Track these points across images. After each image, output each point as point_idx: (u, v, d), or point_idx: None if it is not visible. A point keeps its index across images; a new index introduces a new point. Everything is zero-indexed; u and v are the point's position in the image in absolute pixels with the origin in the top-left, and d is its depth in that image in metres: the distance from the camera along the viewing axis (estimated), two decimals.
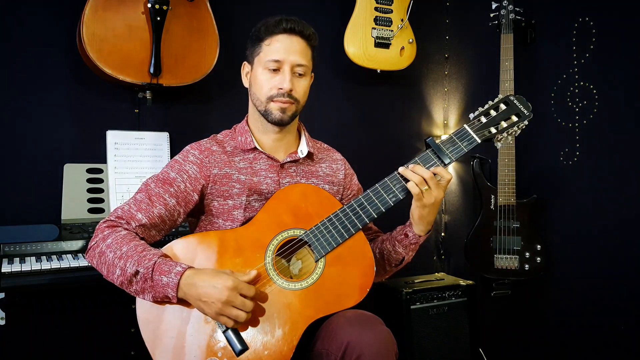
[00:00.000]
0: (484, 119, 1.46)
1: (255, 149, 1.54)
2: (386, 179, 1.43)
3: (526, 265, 2.33)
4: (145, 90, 2.08)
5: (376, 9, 2.55)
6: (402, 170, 1.41)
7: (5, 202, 2.02)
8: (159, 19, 2.02)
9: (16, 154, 2.05)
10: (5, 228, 1.82)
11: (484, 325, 2.57)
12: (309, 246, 1.40)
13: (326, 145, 1.72)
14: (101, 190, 2.06)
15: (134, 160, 2.11)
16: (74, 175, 2.02)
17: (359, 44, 2.52)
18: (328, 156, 1.67)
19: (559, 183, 2.39)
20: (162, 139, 2.18)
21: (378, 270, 1.48)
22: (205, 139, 1.56)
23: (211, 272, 1.27)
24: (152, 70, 2.03)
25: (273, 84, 1.48)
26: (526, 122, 1.47)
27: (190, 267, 1.28)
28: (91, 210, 2.02)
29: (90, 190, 2.04)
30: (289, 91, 1.47)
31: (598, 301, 2.25)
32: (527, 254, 2.33)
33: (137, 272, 1.27)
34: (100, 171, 2.07)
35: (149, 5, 2.01)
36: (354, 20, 2.52)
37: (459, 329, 2.45)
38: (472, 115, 1.47)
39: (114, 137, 2.09)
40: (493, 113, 1.46)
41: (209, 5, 2.16)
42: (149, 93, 2.09)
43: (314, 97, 1.57)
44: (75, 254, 1.82)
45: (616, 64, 2.19)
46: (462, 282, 2.50)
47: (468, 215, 2.84)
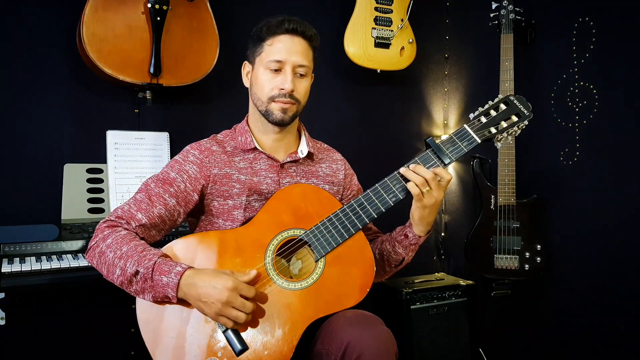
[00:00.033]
0: (484, 119, 1.46)
1: (255, 149, 1.53)
2: (386, 179, 1.43)
3: (526, 265, 2.33)
4: (145, 90, 2.08)
5: (376, 9, 2.55)
6: (404, 171, 1.41)
7: (5, 202, 2.02)
8: (159, 19, 2.02)
9: (16, 154, 2.05)
10: (5, 228, 1.82)
11: (484, 325, 2.57)
12: (309, 246, 1.40)
13: (326, 145, 1.71)
14: (101, 190, 2.06)
15: (134, 160, 2.11)
16: (74, 175, 2.02)
17: (359, 44, 2.52)
18: (328, 156, 1.67)
19: (559, 183, 2.39)
20: (162, 139, 2.18)
21: (378, 271, 1.48)
22: (205, 139, 1.56)
23: (211, 272, 1.27)
24: (152, 70, 2.03)
25: (275, 84, 1.47)
26: (526, 122, 1.47)
27: (190, 267, 1.28)
28: (91, 210, 2.02)
29: (90, 190, 2.04)
30: (291, 92, 1.47)
31: (598, 301, 2.25)
32: (527, 254, 2.33)
33: (137, 272, 1.27)
34: (100, 171, 2.07)
35: (149, 5, 2.01)
36: (354, 20, 2.52)
37: (459, 329, 2.45)
38: (472, 115, 1.47)
39: (114, 137, 2.09)
40: (493, 113, 1.46)
41: (209, 5, 2.16)
42: (149, 93, 2.09)
43: (314, 97, 1.57)
44: (75, 254, 1.82)
45: (616, 64, 2.19)
46: (462, 282, 2.50)
47: (468, 215, 2.84)
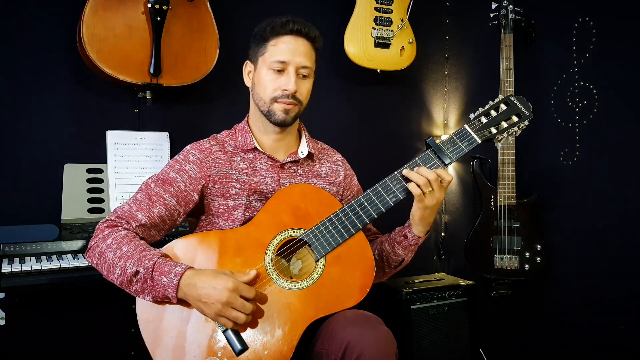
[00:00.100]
0: (484, 119, 1.46)
1: (255, 149, 1.53)
2: (386, 179, 1.43)
3: (526, 265, 2.33)
4: (145, 90, 2.08)
5: (376, 9, 2.55)
6: (406, 172, 1.41)
7: (5, 202, 2.02)
8: (159, 19, 2.02)
9: (16, 154, 2.05)
10: (5, 228, 1.81)
11: (484, 325, 2.57)
12: (309, 246, 1.40)
13: (326, 145, 1.71)
14: (101, 190, 2.06)
15: (134, 160, 2.11)
16: (74, 175, 2.02)
17: (359, 44, 2.52)
18: (328, 157, 1.67)
19: (559, 183, 2.39)
20: (162, 139, 2.18)
21: (377, 272, 1.48)
22: (206, 139, 1.56)
23: (211, 272, 1.27)
24: (152, 70, 2.03)
25: (278, 84, 1.47)
26: (526, 123, 1.47)
27: (190, 268, 1.28)
28: (91, 210, 2.02)
29: (90, 190, 2.04)
30: (294, 93, 1.47)
31: (598, 301, 2.25)
32: (527, 254, 2.33)
33: (137, 272, 1.27)
34: (100, 171, 2.07)
35: (149, 5, 2.01)
36: (354, 20, 2.52)
37: (459, 329, 2.45)
38: (472, 116, 1.47)
39: (114, 137, 2.09)
40: (493, 113, 1.46)
41: (209, 5, 2.16)
42: (149, 93, 2.09)
43: (314, 97, 1.57)
44: (75, 254, 1.82)
45: (616, 64, 2.19)
46: (462, 282, 2.50)
47: (468, 215, 2.84)
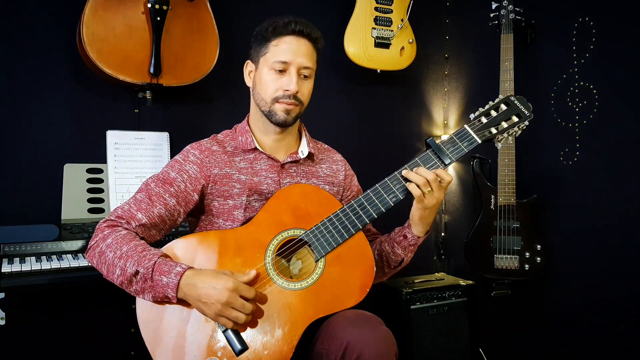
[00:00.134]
0: (484, 120, 1.46)
1: (255, 149, 1.53)
2: (386, 179, 1.43)
3: (526, 265, 2.33)
4: (145, 90, 2.08)
5: (376, 9, 2.55)
6: (405, 172, 1.41)
7: (5, 202, 2.02)
8: (159, 19, 2.02)
9: (16, 154, 2.05)
10: (5, 228, 1.81)
11: (484, 325, 2.57)
12: (309, 246, 1.40)
13: (327, 145, 1.71)
14: (101, 190, 2.06)
15: (134, 160, 2.11)
16: (74, 175, 2.02)
17: (359, 44, 2.52)
18: (328, 157, 1.67)
19: (559, 183, 2.39)
20: (162, 139, 2.18)
21: (377, 272, 1.48)
22: (206, 139, 1.56)
23: (211, 273, 1.27)
24: (152, 70, 2.03)
25: (279, 85, 1.47)
26: (527, 123, 1.47)
27: (190, 268, 1.28)
28: (91, 210, 2.02)
29: (90, 190, 2.04)
30: (295, 93, 1.47)
31: (598, 301, 2.25)
32: (527, 254, 2.33)
33: (137, 272, 1.27)
34: (100, 171, 2.07)
35: (149, 5, 2.01)
36: (354, 20, 2.52)
37: (459, 329, 2.45)
38: (472, 116, 1.47)
39: (114, 137, 2.09)
40: (493, 113, 1.46)
41: (209, 5, 2.16)
42: (149, 93, 2.09)
43: (314, 97, 1.57)
44: (75, 254, 1.82)
45: (616, 64, 2.19)
46: (462, 282, 2.50)
47: (468, 215, 2.84)
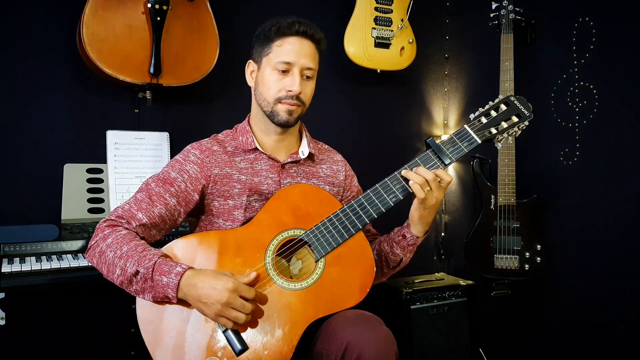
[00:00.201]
0: (484, 120, 1.46)
1: (256, 149, 1.53)
2: (386, 179, 1.43)
3: (526, 265, 2.33)
4: (145, 90, 2.08)
5: (376, 9, 2.55)
6: (405, 172, 1.41)
7: (5, 202, 2.02)
8: (159, 19, 2.02)
9: (16, 154, 2.05)
10: (5, 228, 1.81)
11: (484, 325, 2.57)
12: (309, 246, 1.40)
13: (327, 146, 1.71)
14: (101, 190, 2.06)
15: (134, 160, 2.11)
16: (74, 175, 2.02)
17: (359, 44, 2.52)
18: (329, 157, 1.67)
19: (559, 183, 2.39)
20: (162, 139, 2.18)
21: (376, 272, 1.48)
22: (206, 139, 1.56)
23: (211, 273, 1.27)
24: (152, 70, 2.03)
25: (282, 85, 1.47)
26: (527, 123, 1.47)
27: (190, 268, 1.28)
28: (91, 210, 2.01)
29: (90, 190, 2.04)
30: (298, 94, 1.47)
31: (598, 301, 2.25)
32: (527, 254, 2.33)
33: (137, 272, 1.27)
34: (100, 171, 2.07)
35: (149, 5, 2.01)
36: (354, 20, 2.52)
37: (459, 329, 2.45)
38: (472, 116, 1.47)
39: (114, 137, 2.09)
40: (493, 113, 1.46)
41: (209, 5, 2.16)
42: (149, 93, 2.09)
43: (314, 97, 1.57)
44: (75, 254, 1.82)
45: (616, 64, 2.19)
46: (462, 282, 2.50)
47: (468, 215, 2.84)
